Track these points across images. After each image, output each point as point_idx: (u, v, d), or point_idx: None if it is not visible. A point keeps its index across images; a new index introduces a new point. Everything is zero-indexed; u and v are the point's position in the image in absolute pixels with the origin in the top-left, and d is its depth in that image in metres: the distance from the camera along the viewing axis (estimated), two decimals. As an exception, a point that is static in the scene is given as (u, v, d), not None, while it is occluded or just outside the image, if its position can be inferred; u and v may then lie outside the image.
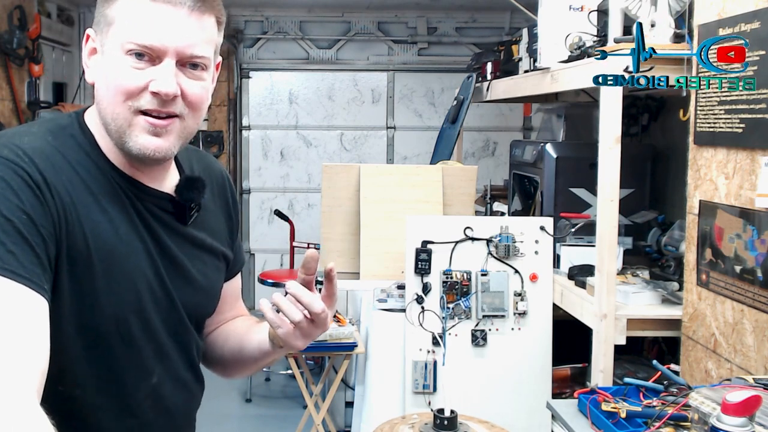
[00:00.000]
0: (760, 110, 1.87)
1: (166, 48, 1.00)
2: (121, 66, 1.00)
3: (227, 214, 1.26)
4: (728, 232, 2.01)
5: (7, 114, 4.65)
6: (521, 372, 3.01)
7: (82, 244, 0.99)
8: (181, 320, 1.14)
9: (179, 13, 1.00)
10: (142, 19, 0.99)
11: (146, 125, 1.01)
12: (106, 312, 1.02)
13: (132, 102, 1.01)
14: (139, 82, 1.00)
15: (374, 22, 6.48)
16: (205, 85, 1.06)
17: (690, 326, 2.24)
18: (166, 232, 1.10)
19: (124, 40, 1.00)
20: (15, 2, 4.67)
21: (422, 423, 2.38)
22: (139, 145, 1.02)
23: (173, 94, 1.01)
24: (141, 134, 1.02)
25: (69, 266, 0.98)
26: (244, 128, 6.50)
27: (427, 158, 5.47)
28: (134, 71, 1.00)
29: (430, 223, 3.08)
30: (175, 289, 1.11)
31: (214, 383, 1.35)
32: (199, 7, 1.01)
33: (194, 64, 1.03)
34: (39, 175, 0.95)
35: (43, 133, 1.03)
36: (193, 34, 1.01)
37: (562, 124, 3.58)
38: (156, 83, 1.00)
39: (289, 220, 5.58)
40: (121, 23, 1.01)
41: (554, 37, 2.80)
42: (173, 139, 1.04)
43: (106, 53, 1.03)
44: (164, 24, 0.99)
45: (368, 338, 3.22)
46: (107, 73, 1.02)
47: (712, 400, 1.43)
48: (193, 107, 1.05)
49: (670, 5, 2.36)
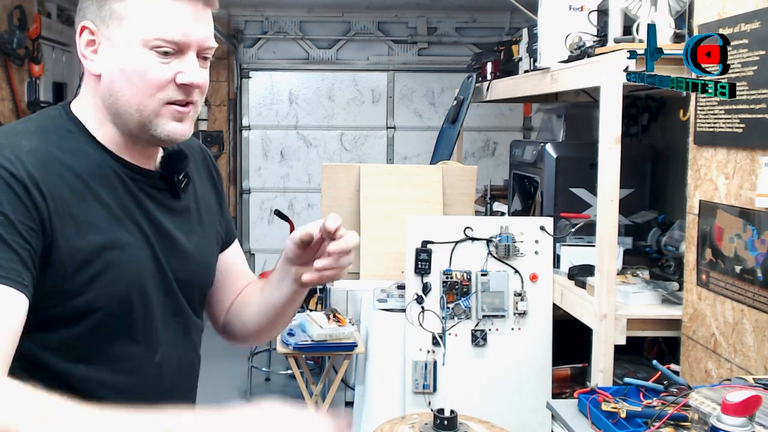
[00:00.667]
0: (760, 110, 1.87)
1: (190, 42, 1.07)
2: (145, 61, 1.06)
3: (213, 185, 1.32)
4: (728, 232, 2.01)
5: (7, 114, 4.64)
6: (521, 372, 3.01)
7: (78, 234, 1.03)
8: (179, 300, 1.18)
9: (197, 8, 1.07)
10: (167, 15, 1.05)
11: (174, 113, 1.09)
12: (107, 294, 1.06)
13: (161, 94, 1.07)
14: (168, 75, 1.07)
15: (374, 22, 6.48)
16: (207, 72, 1.14)
17: (690, 326, 2.24)
18: (160, 210, 1.15)
19: (148, 36, 1.05)
20: (15, 2, 4.67)
21: (422, 423, 2.38)
22: (168, 131, 1.09)
23: (202, 84, 1.10)
24: (169, 122, 1.09)
25: (67, 255, 1.02)
26: (244, 128, 6.50)
27: (427, 158, 5.47)
28: (161, 66, 1.06)
29: (430, 223, 3.08)
30: (173, 267, 1.15)
31: (214, 383, 1.35)
32: (208, 2, 1.09)
33: (204, 56, 1.11)
34: (24, 173, 0.99)
35: (32, 129, 1.09)
36: (208, 27, 1.10)
37: (562, 124, 3.59)
38: (185, 76, 1.07)
39: (289, 220, 5.58)
40: (141, 19, 1.05)
41: (554, 37, 2.80)
42: (191, 123, 1.13)
43: (119, 47, 1.07)
44: (188, 20, 1.06)
45: (368, 338, 3.22)
46: (125, 67, 1.07)
47: (712, 400, 1.44)
48: (203, 93, 1.13)
49: (670, 5, 2.37)
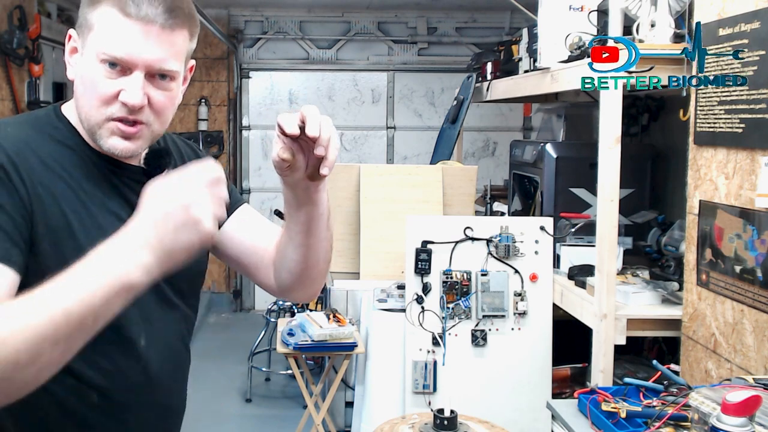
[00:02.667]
0: (760, 110, 1.87)
1: (135, 62, 1.07)
2: (96, 73, 1.08)
3: None
4: (728, 232, 2.01)
5: (7, 114, 4.64)
6: (521, 372, 3.01)
7: (61, 218, 1.06)
8: (168, 288, 1.19)
9: (150, 30, 1.06)
10: (116, 32, 1.06)
11: (116, 130, 1.10)
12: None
13: (105, 108, 1.09)
14: (111, 90, 1.08)
15: (374, 22, 6.48)
16: (172, 94, 1.13)
17: (690, 326, 2.24)
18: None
19: (98, 50, 1.07)
20: (15, 2, 4.67)
21: (422, 423, 2.38)
22: (109, 145, 1.10)
23: (140, 105, 1.08)
24: (111, 136, 1.10)
25: (51, 238, 1.04)
26: (244, 128, 6.50)
27: (427, 158, 5.47)
28: (106, 80, 1.08)
29: (430, 223, 3.08)
30: None
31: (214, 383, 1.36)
32: (170, 24, 1.07)
33: (162, 75, 1.10)
34: (6, 158, 1.03)
35: (19, 123, 1.13)
36: (163, 50, 1.08)
37: (562, 124, 3.59)
38: (125, 94, 1.07)
39: (289, 220, 5.57)
40: (98, 32, 1.08)
41: (554, 37, 2.80)
42: (140, 142, 1.12)
43: (84, 56, 1.10)
44: (135, 40, 1.06)
45: (368, 338, 3.22)
46: (84, 75, 1.10)
47: (712, 400, 1.44)
48: (158, 114, 1.12)
49: (670, 5, 2.36)
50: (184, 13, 1.09)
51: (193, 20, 1.13)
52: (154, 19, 1.06)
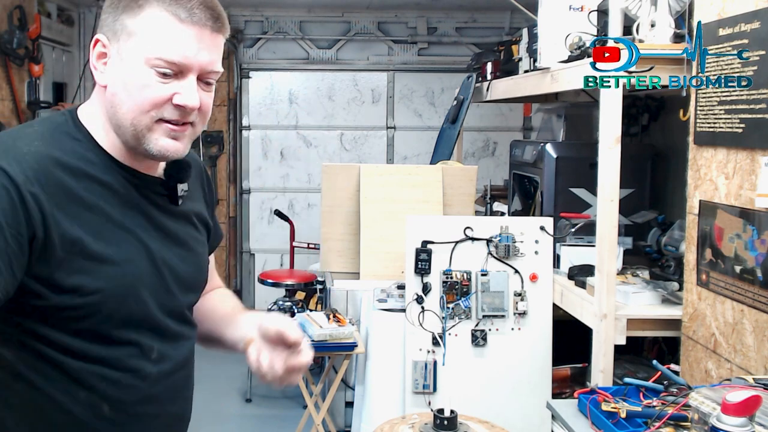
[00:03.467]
0: (760, 110, 1.87)
1: (191, 65, 1.10)
2: (146, 78, 1.09)
3: (204, 193, 1.35)
4: (728, 232, 2.01)
5: (7, 114, 4.64)
6: (521, 372, 3.01)
7: (75, 233, 1.06)
8: (181, 299, 1.22)
9: (204, 33, 1.10)
10: (171, 36, 1.08)
11: (167, 131, 1.11)
12: (109, 291, 1.09)
13: (156, 112, 1.10)
14: (165, 94, 1.09)
15: (374, 22, 6.48)
16: (212, 95, 1.17)
17: (690, 326, 2.24)
18: (161, 213, 1.19)
19: (150, 55, 1.08)
20: (15, 2, 4.67)
21: (422, 423, 2.38)
22: (160, 146, 1.12)
23: (197, 107, 1.11)
24: (161, 138, 1.11)
25: (66, 254, 1.05)
26: (244, 128, 6.50)
27: (427, 158, 5.47)
28: (160, 84, 1.09)
29: (430, 223, 3.08)
30: (175, 266, 1.19)
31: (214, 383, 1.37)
32: (219, 28, 1.12)
33: (208, 78, 1.13)
34: (22, 178, 1.02)
35: (36, 134, 1.11)
36: (214, 52, 1.12)
37: (562, 124, 3.58)
38: (182, 97, 1.09)
39: (289, 220, 5.58)
40: (147, 37, 1.08)
41: (554, 37, 2.80)
42: (187, 142, 1.15)
43: (125, 61, 1.10)
44: (192, 43, 1.09)
45: (368, 338, 3.22)
46: (127, 81, 1.10)
47: (712, 400, 1.44)
48: (203, 115, 1.15)
49: (670, 5, 2.36)
50: (224, 18, 1.14)
51: (228, 24, 1.16)
52: (205, 23, 1.09)
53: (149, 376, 1.16)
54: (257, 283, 4.99)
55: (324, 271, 3.80)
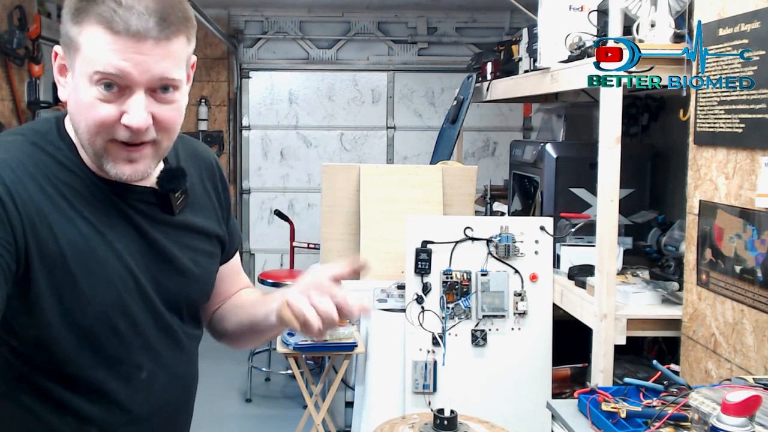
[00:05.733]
0: (760, 110, 1.87)
1: (134, 80, 0.98)
2: (91, 96, 0.99)
3: (217, 196, 1.28)
4: (728, 232, 2.01)
5: (7, 114, 4.65)
6: (521, 372, 3.01)
7: (55, 248, 1.01)
8: (170, 315, 1.16)
9: (144, 46, 0.97)
10: (108, 51, 0.97)
11: (122, 153, 1.02)
12: (90, 310, 1.04)
13: (106, 133, 1.01)
14: (111, 114, 1.00)
15: (374, 22, 6.48)
16: (177, 104, 1.05)
17: (690, 326, 2.24)
18: (151, 225, 1.11)
19: (90, 70, 0.99)
20: (15, 2, 4.67)
21: (422, 423, 2.38)
22: (116, 170, 1.03)
23: (145, 127, 1.00)
24: (117, 163, 1.03)
25: (45, 269, 1.00)
26: (244, 128, 6.50)
27: (427, 158, 5.47)
28: (104, 104, 0.99)
29: (430, 223, 3.08)
30: (163, 281, 1.13)
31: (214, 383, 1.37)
32: (165, 35, 0.98)
33: (165, 87, 1.02)
34: (3, 189, 0.97)
35: (18, 143, 1.05)
36: (161, 63, 0.99)
37: (562, 124, 3.58)
38: (128, 117, 0.99)
39: (289, 220, 5.58)
40: (86, 52, 0.99)
41: (554, 37, 2.80)
42: (148, 161, 1.05)
43: (76, 77, 1.02)
44: (130, 58, 0.97)
45: (368, 338, 3.22)
46: (78, 99, 1.01)
47: (712, 400, 1.44)
48: (165, 130, 1.04)
49: (670, 5, 2.36)
50: (178, 19, 1.00)
51: (189, 22, 1.03)
52: (146, 33, 0.96)
53: (138, 396, 1.12)
54: (257, 283, 4.98)
55: (324, 271, 3.79)
